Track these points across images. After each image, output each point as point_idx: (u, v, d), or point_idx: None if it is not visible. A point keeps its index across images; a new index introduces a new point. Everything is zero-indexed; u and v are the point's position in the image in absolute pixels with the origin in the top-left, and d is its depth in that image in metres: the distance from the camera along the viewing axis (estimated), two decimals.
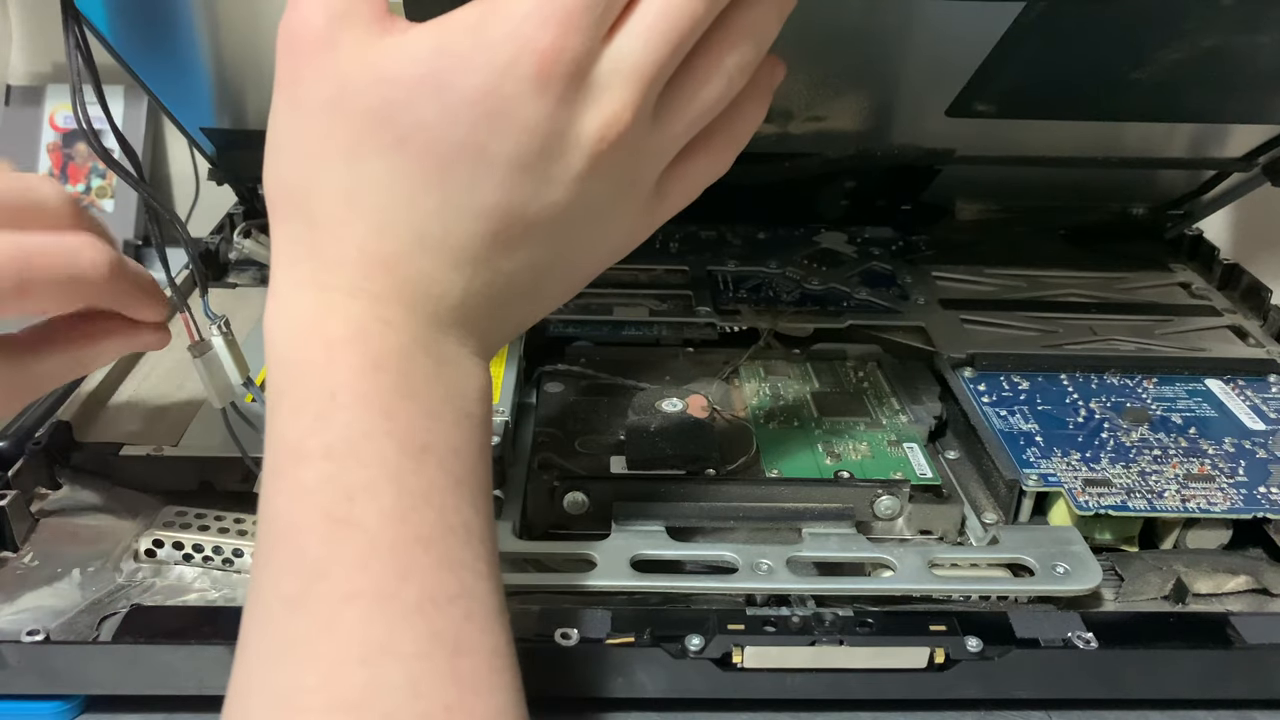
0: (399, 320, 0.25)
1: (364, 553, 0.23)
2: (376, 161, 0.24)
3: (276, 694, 0.23)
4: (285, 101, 0.25)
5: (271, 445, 0.25)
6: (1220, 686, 0.34)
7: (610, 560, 0.36)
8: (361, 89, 0.24)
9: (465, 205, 0.25)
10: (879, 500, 0.38)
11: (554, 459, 0.41)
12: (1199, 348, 0.49)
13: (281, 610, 0.24)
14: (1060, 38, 0.42)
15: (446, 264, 0.25)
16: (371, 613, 0.23)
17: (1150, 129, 0.53)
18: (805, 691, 0.33)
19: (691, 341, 0.50)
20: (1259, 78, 0.45)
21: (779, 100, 0.49)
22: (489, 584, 0.25)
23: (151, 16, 0.42)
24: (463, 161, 0.24)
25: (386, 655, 0.23)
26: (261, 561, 0.24)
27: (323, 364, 0.25)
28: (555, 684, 0.32)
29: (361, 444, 0.24)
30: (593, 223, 0.27)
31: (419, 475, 0.24)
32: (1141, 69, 0.44)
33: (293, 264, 0.26)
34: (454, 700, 0.23)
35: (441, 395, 0.26)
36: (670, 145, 0.27)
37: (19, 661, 0.32)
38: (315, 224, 0.25)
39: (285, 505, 0.24)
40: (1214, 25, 0.40)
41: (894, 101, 0.50)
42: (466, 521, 0.25)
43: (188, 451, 0.39)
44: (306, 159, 0.25)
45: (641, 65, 0.24)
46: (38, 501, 0.38)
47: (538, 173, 0.25)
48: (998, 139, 0.52)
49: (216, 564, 0.36)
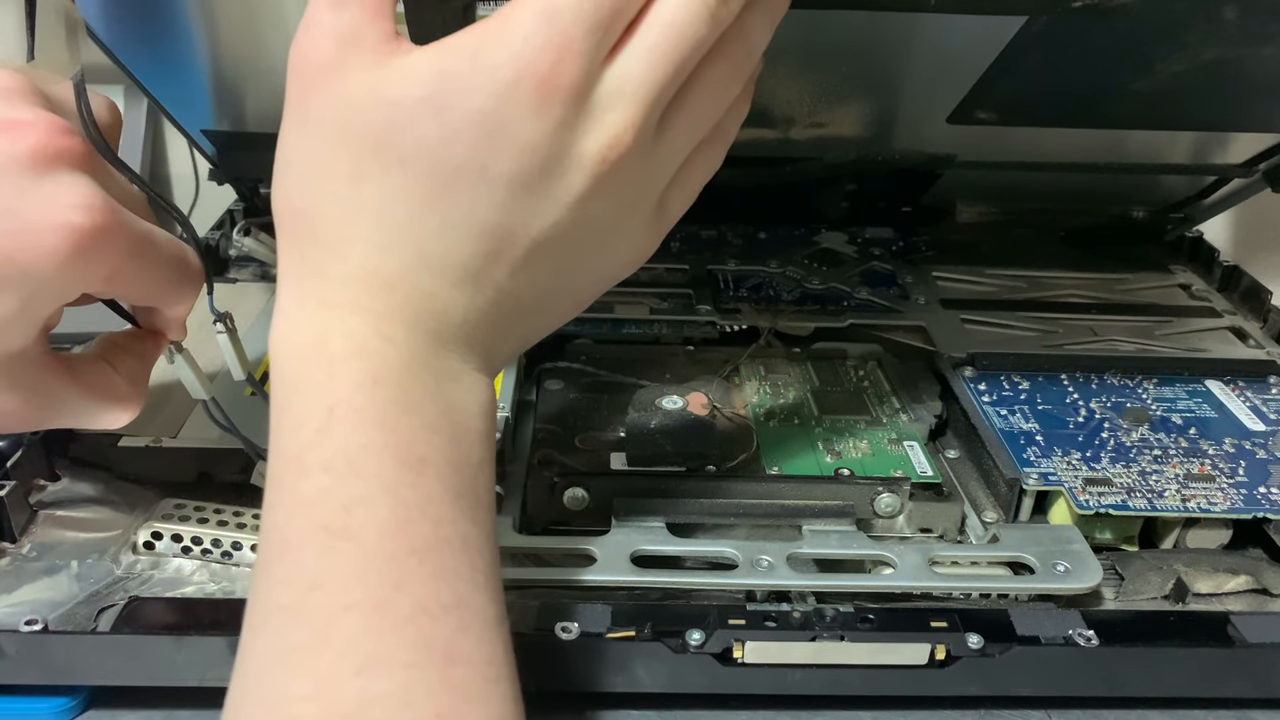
0: (400, 337, 0.25)
1: (359, 564, 0.24)
2: (379, 182, 0.25)
3: (271, 701, 0.23)
4: (293, 123, 0.26)
5: (274, 458, 0.25)
6: (1220, 686, 0.34)
7: (610, 556, 0.35)
8: (365, 110, 0.24)
9: (466, 225, 0.25)
10: (879, 498, 0.38)
11: (554, 455, 0.41)
12: (1199, 349, 0.49)
13: (278, 619, 0.24)
14: (1063, 49, 0.42)
15: (448, 283, 0.26)
16: (366, 623, 0.23)
17: (1152, 135, 0.53)
18: (805, 687, 0.33)
19: (692, 340, 0.50)
20: (1261, 88, 0.45)
21: (782, 107, 0.50)
22: (486, 595, 0.25)
23: (150, 20, 0.42)
24: (463, 182, 0.24)
25: (380, 665, 0.23)
26: (261, 571, 0.25)
27: (324, 379, 0.25)
28: (555, 679, 0.32)
29: (359, 457, 0.24)
30: (597, 242, 0.27)
31: (416, 488, 0.25)
32: (1143, 80, 0.44)
33: (298, 281, 0.26)
34: (446, 709, 0.23)
35: (440, 410, 0.26)
36: (672, 162, 0.27)
37: (17, 652, 0.31)
38: (319, 243, 0.26)
39: (284, 517, 0.25)
40: (1215, 38, 0.41)
41: (896, 109, 0.50)
42: (464, 534, 0.25)
43: (186, 443, 0.39)
44: (312, 179, 0.25)
45: (644, 87, 0.25)
46: (36, 493, 0.38)
47: (539, 193, 0.25)
48: (999, 144, 0.52)
49: (215, 556, 0.36)
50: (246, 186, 0.56)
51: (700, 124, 0.27)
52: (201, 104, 0.48)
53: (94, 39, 0.42)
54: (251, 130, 0.49)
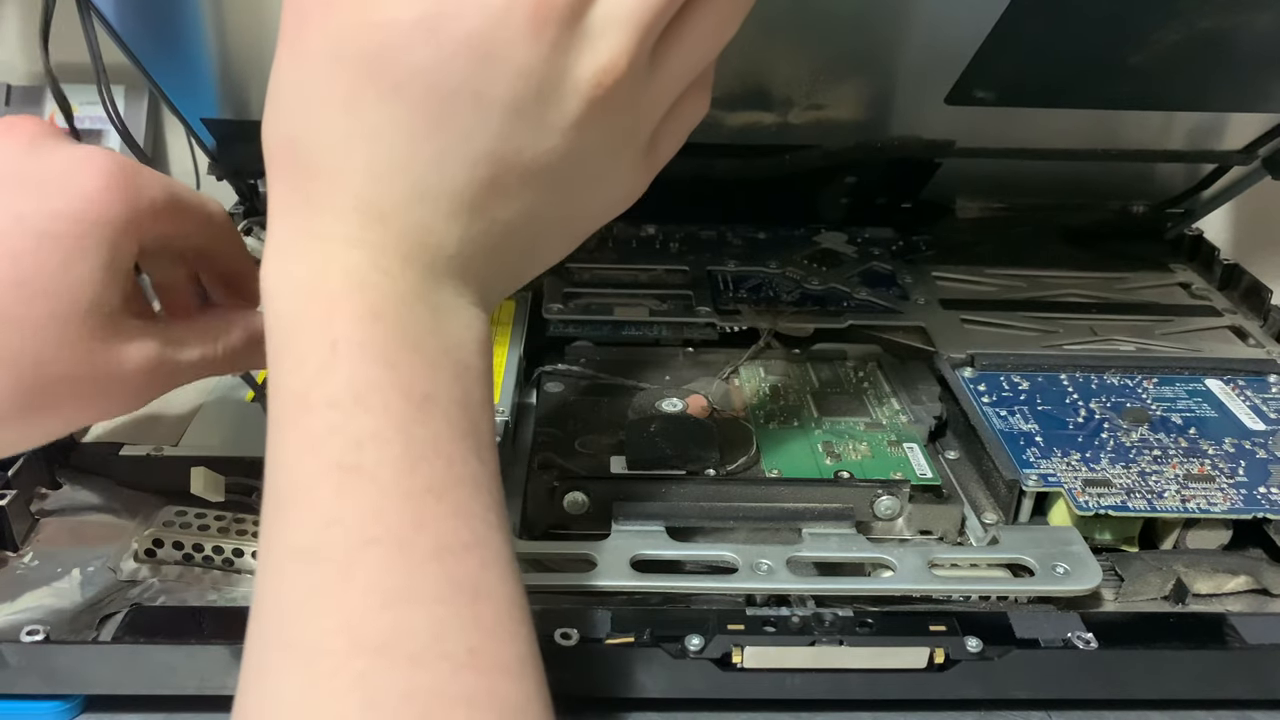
0: (396, 270, 0.25)
1: (377, 501, 0.23)
2: (374, 109, 0.24)
3: (296, 641, 0.23)
4: (287, 53, 0.25)
5: (275, 398, 0.25)
6: (1220, 686, 0.34)
7: (610, 560, 0.36)
8: (359, 35, 0.24)
9: (461, 152, 0.25)
10: (879, 500, 0.38)
11: (554, 459, 0.41)
12: (1199, 348, 0.49)
13: (296, 560, 0.23)
14: (1056, 19, 0.42)
15: (443, 213, 0.25)
16: (390, 559, 0.23)
17: (1149, 122, 0.53)
18: (805, 692, 0.33)
19: (691, 342, 0.50)
20: (1257, 64, 0.45)
21: (780, 87, 0.50)
22: (501, 535, 0.25)
23: (157, 2, 0.42)
24: (458, 107, 0.24)
25: (407, 600, 0.23)
26: (271, 518, 0.24)
27: (322, 315, 0.25)
28: (555, 684, 0.32)
29: (367, 393, 0.24)
30: (590, 173, 0.27)
31: (425, 426, 0.24)
32: (1139, 52, 0.44)
33: (290, 215, 0.26)
34: (477, 644, 0.23)
35: (441, 347, 0.26)
36: (667, 95, 0.27)
37: (19, 661, 0.32)
38: (313, 174, 0.25)
39: (293, 457, 0.24)
40: (1210, 4, 0.41)
41: (893, 89, 0.50)
42: (474, 473, 0.25)
43: (188, 451, 0.39)
44: (306, 109, 0.25)
45: (638, 13, 0.24)
46: (37, 501, 0.38)
47: (534, 119, 0.25)
48: (997, 130, 0.52)
49: (216, 564, 0.36)
50: (246, 183, 0.56)
51: (694, 60, 0.27)
52: (205, 89, 0.48)
53: (102, 23, 0.43)
54: (253, 119, 0.49)
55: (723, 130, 0.51)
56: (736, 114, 0.51)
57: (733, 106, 0.50)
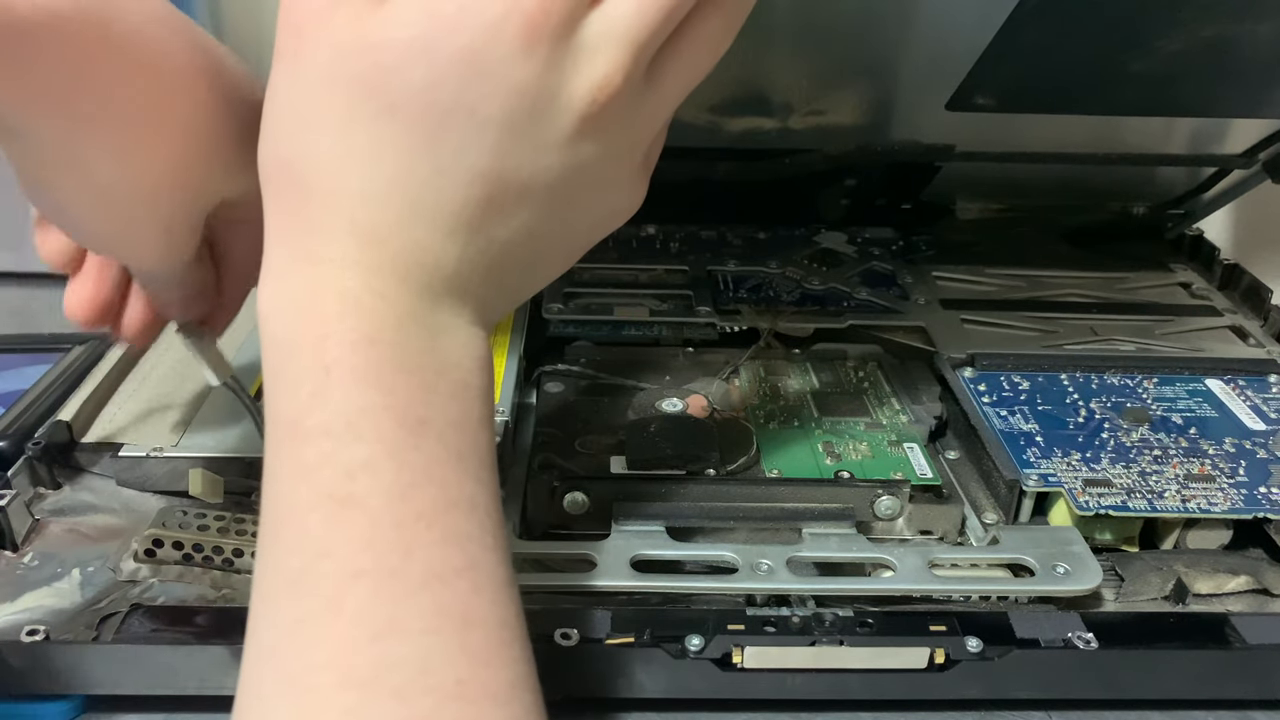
0: (392, 293, 0.25)
1: (367, 531, 0.23)
2: (368, 130, 0.24)
3: (286, 672, 0.23)
4: (282, 74, 0.25)
5: (271, 424, 0.25)
6: (1220, 687, 0.34)
7: (610, 560, 0.36)
8: (353, 56, 0.24)
9: (457, 171, 0.25)
10: (879, 500, 0.38)
11: (554, 459, 0.41)
12: (1199, 348, 0.49)
13: (287, 590, 0.24)
14: (1059, 26, 0.42)
15: (440, 233, 0.25)
16: (378, 591, 0.23)
17: (1150, 126, 0.53)
18: (805, 692, 0.33)
19: (691, 341, 0.50)
20: (1259, 70, 0.45)
21: (780, 93, 0.50)
22: (496, 556, 0.25)
23: None
24: (453, 125, 0.24)
25: (394, 632, 0.23)
26: (267, 541, 0.24)
27: (317, 339, 0.24)
28: (555, 684, 0.32)
29: (359, 420, 0.24)
30: (587, 188, 0.27)
31: (418, 450, 0.24)
32: (1141, 61, 0.44)
33: (285, 238, 0.26)
34: (465, 674, 0.23)
35: (438, 368, 0.25)
36: (663, 110, 0.27)
37: (19, 661, 0.32)
38: (308, 196, 0.25)
39: (287, 486, 0.24)
40: (1212, 14, 0.41)
41: (894, 94, 0.50)
42: (470, 495, 0.25)
43: (188, 451, 0.39)
44: (301, 130, 0.25)
45: (633, 29, 0.24)
46: (37, 501, 0.38)
47: (528, 136, 0.25)
48: (997, 135, 0.52)
49: (216, 564, 0.36)
50: None
51: (690, 74, 0.27)
52: None
53: None
54: None
55: (723, 135, 0.51)
56: (737, 119, 0.51)
57: (734, 112, 0.50)
